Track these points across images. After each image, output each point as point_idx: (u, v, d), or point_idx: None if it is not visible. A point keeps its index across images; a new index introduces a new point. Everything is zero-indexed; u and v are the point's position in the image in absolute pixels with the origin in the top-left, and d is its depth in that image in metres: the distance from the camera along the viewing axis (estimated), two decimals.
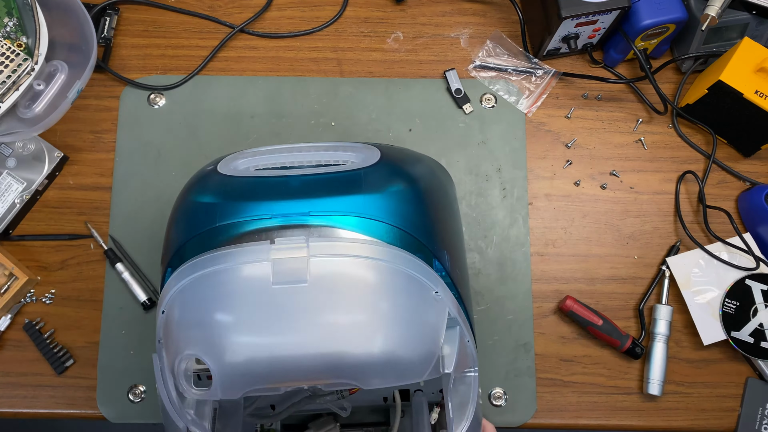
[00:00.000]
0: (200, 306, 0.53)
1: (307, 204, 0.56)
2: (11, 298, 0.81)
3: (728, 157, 0.90)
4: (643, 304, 0.84)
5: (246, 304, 0.52)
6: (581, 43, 0.88)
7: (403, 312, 0.53)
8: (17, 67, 0.76)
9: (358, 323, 0.52)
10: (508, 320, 0.84)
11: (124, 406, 0.81)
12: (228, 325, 0.51)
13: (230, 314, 0.51)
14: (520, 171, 0.88)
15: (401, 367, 0.52)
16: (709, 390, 0.83)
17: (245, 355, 0.51)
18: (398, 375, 0.53)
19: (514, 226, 0.87)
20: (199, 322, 0.53)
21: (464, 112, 0.89)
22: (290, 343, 0.51)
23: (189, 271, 0.54)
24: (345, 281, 0.52)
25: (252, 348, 0.51)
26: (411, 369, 0.53)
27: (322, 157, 0.63)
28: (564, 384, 0.83)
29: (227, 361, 0.51)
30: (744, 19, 0.85)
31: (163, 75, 0.90)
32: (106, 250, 0.84)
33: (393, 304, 0.53)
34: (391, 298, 0.53)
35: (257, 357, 0.51)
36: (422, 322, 0.54)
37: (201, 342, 0.52)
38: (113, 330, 0.83)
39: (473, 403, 0.58)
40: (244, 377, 0.51)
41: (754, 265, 0.83)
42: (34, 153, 0.85)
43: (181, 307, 0.54)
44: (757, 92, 0.80)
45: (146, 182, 0.87)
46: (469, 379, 0.59)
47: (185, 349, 0.52)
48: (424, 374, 0.53)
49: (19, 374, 0.82)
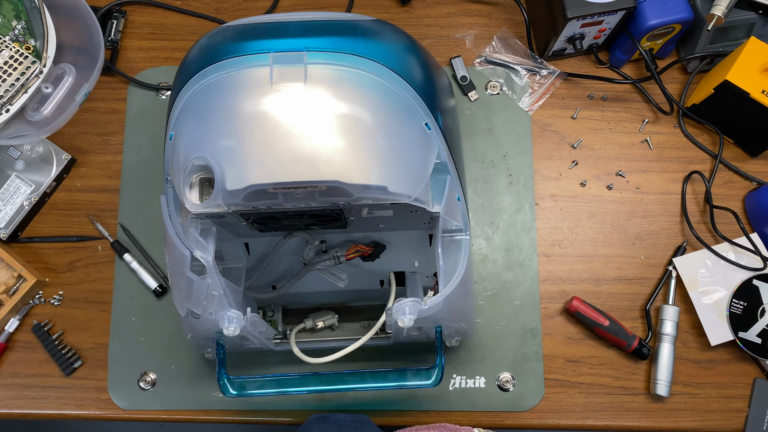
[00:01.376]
0: (205, 113, 0.56)
1: (305, 42, 0.57)
2: (20, 299, 0.81)
3: (735, 157, 0.89)
4: (649, 305, 0.84)
5: (247, 107, 0.55)
6: (587, 43, 0.88)
7: (395, 131, 0.56)
8: (25, 70, 0.76)
9: (351, 130, 0.55)
10: (515, 306, 0.84)
11: (134, 394, 0.82)
12: (230, 127, 0.54)
13: (232, 118, 0.55)
14: (526, 157, 0.88)
15: (392, 174, 0.56)
16: (717, 391, 0.83)
17: (246, 153, 0.54)
18: (389, 182, 0.55)
19: (521, 212, 0.87)
20: (204, 128, 0.56)
21: (469, 100, 0.90)
22: (288, 138, 0.53)
23: (194, 83, 0.57)
24: (341, 90, 0.55)
25: (253, 147, 0.54)
26: (401, 180, 0.56)
27: (325, 16, 0.65)
28: (571, 385, 0.82)
29: (230, 160, 0.54)
30: (750, 19, 0.84)
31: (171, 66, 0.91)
32: (112, 242, 0.85)
33: (386, 122, 0.56)
34: (384, 116, 0.56)
35: (257, 156, 0.53)
36: (413, 145, 0.58)
37: (206, 145, 0.55)
38: (123, 318, 0.84)
39: (463, 265, 0.61)
40: (245, 176, 0.53)
41: (762, 266, 0.82)
42: (42, 155, 0.85)
43: (188, 119, 0.57)
44: (764, 92, 0.79)
45: (154, 172, 0.88)
46: (458, 242, 0.63)
47: (191, 156, 0.55)
48: (414, 193, 0.57)
49: (27, 375, 0.82)
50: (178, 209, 0.62)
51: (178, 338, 0.83)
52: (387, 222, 0.72)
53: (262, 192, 0.55)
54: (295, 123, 0.54)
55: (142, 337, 0.83)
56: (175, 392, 0.82)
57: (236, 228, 0.71)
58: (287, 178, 0.53)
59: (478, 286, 0.84)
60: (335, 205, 0.60)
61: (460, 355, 0.82)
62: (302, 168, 0.53)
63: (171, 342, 0.83)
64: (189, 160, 0.56)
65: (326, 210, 0.62)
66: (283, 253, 0.77)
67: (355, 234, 0.77)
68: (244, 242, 0.78)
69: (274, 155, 0.53)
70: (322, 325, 0.78)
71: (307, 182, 0.54)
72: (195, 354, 0.82)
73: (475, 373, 0.82)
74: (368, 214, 0.66)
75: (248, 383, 0.70)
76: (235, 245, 0.76)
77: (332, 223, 0.69)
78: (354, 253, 0.74)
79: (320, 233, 0.77)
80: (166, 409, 0.81)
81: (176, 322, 0.83)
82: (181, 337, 0.83)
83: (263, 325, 0.68)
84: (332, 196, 0.57)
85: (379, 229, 0.75)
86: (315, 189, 0.55)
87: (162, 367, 0.82)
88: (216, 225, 0.65)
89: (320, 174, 0.53)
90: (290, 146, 0.53)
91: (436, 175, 0.61)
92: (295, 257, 0.78)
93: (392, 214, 0.66)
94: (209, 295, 0.60)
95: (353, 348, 0.68)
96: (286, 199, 0.57)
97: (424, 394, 0.81)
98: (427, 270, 0.77)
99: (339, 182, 0.54)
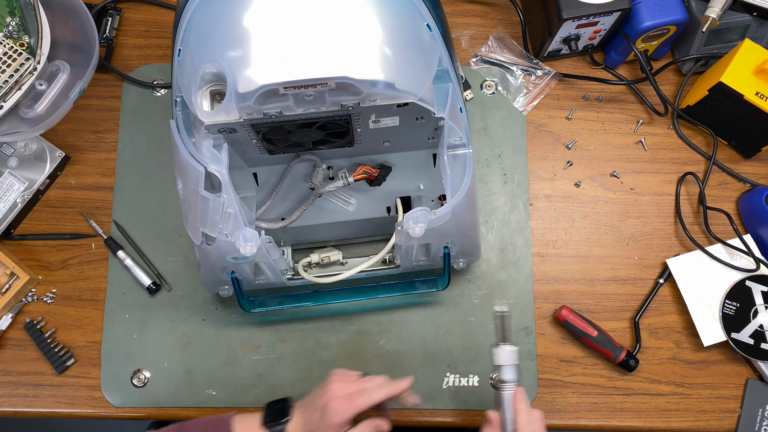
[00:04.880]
0: (212, 20, 0.57)
1: None
2: (12, 297, 0.81)
3: (729, 159, 0.90)
4: (639, 316, 0.84)
5: (254, 10, 0.55)
6: (582, 44, 0.88)
7: (400, 30, 0.58)
8: (19, 66, 0.76)
9: (358, 28, 0.56)
10: (509, 305, 0.84)
11: (127, 392, 0.82)
12: (238, 30, 0.55)
13: (239, 21, 0.55)
14: (521, 157, 0.89)
15: (398, 71, 0.57)
16: (709, 391, 0.83)
17: (256, 55, 0.54)
18: (396, 78, 0.56)
19: (515, 212, 0.87)
20: (212, 35, 0.57)
21: (465, 99, 0.90)
22: (296, 38, 0.54)
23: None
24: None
25: (262, 49, 0.54)
26: (407, 77, 0.58)
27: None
28: (564, 385, 0.83)
29: (240, 63, 0.54)
30: (745, 21, 0.85)
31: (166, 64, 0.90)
32: (106, 239, 0.85)
33: (391, 21, 0.57)
34: (389, 14, 0.57)
35: (267, 57, 0.54)
36: (417, 45, 0.59)
37: (216, 51, 0.56)
38: (117, 315, 0.83)
39: (468, 177, 0.64)
40: (256, 77, 0.54)
41: (755, 267, 0.83)
42: (35, 153, 0.85)
43: (195, 30, 0.58)
44: (758, 94, 0.80)
45: (149, 169, 0.87)
46: (462, 157, 0.66)
47: (202, 64, 0.56)
48: (420, 92, 0.58)
49: (19, 373, 0.82)
50: (189, 130, 0.63)
51: (172, 336, 0.83)
52: (392, 137, 0.74)
53: (273, 93, 0.56)
54: (302, 22, 0.55)
55: (136, 335, 0.83)
56: (168, 390, 0.81)
57: (245, 149, 0.72)
58: (297, 76, 0.54)
59: (471, 284, 0.85)
60: (344, 109, 0.61)
61: (454, 353, 0.82)
62: (311, 66, 0.54)
63: (164, 339, 0.83)
64: (200, 68, 0.56)
65: (335, 117, 0.63)
66: (291, 182, 0.79)
67: (361, 157, 0.79)
68: (252, 172, 0.79)
69: (283, 55, 0.54)
70: (328, 259, 0.81)
71: (317, 79, 0.55)
72: (188, 352, 0.82)
73: (469, 372, 0.82)
74: (375, 123, 0.67)
75: (268, 300, 0.76)
76: (244, 175, 0.78)
77: (339, 139, 0.70)
78: (361, 174, 0.76)
79: (327, 158, 0.78)
80: (159, 406, 0.81)
81: (170, 319, 0.83)
82: (175, 334, 0.83)
83: (277, 252, 0.70)
84: (341, 95, 0.58)
85: (385, 148, 0.77)
86: (325, 87, 0.56)
87: (155, 364, 0.82)
88: (227, 143, 0.66)
89: (329, 70, 0.54)
90: (299, 46, 0.55)
91: (439, 83, 0.62)
92: (303, 187, 0.79)
93: (398, 123, 0.68)
94: (225, 213, 0.62)
95: (366, 265, 0.74)
96: (297, 103, 0.58)
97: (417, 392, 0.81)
98: (432, 193, 0.79)
99: (348, 78, 0.55)
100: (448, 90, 0.62)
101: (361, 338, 0.83)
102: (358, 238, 0.84)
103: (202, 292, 0.84)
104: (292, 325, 0.83)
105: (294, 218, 0.77)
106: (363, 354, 0.82)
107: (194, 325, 0.83)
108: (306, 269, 0.81)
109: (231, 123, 0.61)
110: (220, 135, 0.65)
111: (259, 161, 0.78)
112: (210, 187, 0.63)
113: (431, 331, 0.83)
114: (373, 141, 0.74)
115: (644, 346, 0.84)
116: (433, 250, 0.75)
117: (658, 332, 0.84)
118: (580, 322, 0.81)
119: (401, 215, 0.75)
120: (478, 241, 0.76)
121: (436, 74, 0.62)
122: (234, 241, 0.62)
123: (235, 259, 0.66)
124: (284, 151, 0.74)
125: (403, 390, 0.66)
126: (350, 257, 0.83)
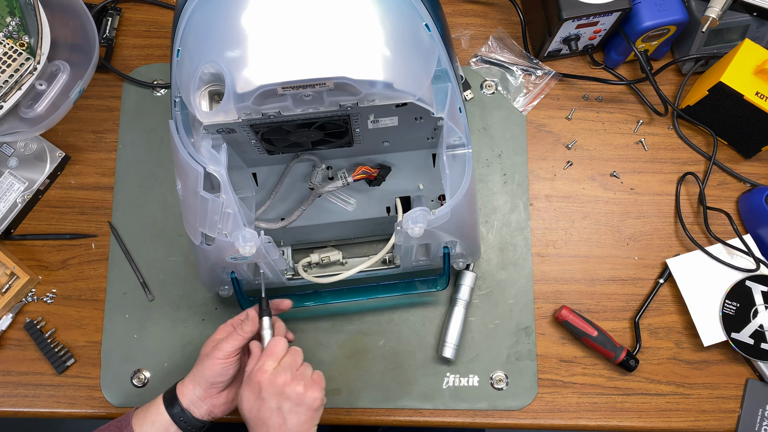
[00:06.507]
0: (211, 20, 0.57)
1: None
2: (12, 297, 0.81)
3: (729, 159, 0.90)
4: (639, 316, 0.84)
5: (253, 10, 0.55)
6: (582, 44, 0.88)
7: (398, 30, 0.57)
8: (19, 66, 0.76)
9: (356, 28, 0.56)
10: (509, 304, 0.84)
11: (127, 392, 0.82)
12: (237, 31, 0.55)
13: (238, 21, 0.55)
14: (521, 157, 0.89)
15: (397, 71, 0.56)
16: (709, 391, 0.83)
17: (255, 55, 0.54)
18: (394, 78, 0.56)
19: (515, 212, 0.87)
20: (211, 35, 0.57)
21: (465, 99, 0.90)
22: (294, 38, 0.54)
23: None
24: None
25: (261, 49, 0.55)
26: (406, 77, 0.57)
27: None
28: (564, 385, 0.83)
29: (239, 63, 0.54)
30: (745, 21, 0.85)
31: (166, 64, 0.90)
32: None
33: (390, 21, 0.57)
34: (387, 14, 0.57)
35: (265, 57, 0.54)
36: (415, 45, 0.59)
37: (214, 51, 0.56)
38: (117, 315, 0.83)
39: (467, 177, 0.64)
40: (255, 77, 0.54)
41: (755, 267, 0.83)
42: (35, 153, 0.85)
43: (194, 30, 0.58)
44: (758, 94, 0.80)
45: (149, 169, 0.87)
46: (461, 157, 0.65)
47: (200, 64, 0.56)
48: (418, 92, 0.58)
49: (19, 373, 0.82)
50: (188, 130, 0.63)
51: (172, 336, 0.83)
52: (392, 137, 0.74)
53: (272, 93, 0.56)
54: (300, 22, 0.55)
55: (136, 335, 0.83)
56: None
57: (245, 149, 0.72)
58: (295, 76, 0.54)
59: None
60: (343, 109, 0.61)
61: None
62: (309, 66, 0.54)
63: (164, 339, 0.83)
64: (198, 69, 0.56)
65: (333, 117, 0.63)
66: (291, 182, 0.79)
67: (361, 157, 0.79)
68: (252, 172, 0.79)
69: (281, 55, 0.54)
70: (327, 259, 0.81)
71: (315, 79, 0.55)
72: (188, 351, 0.82)
73: (469, 372, 0.82)
74: (374, 123, 0.67)
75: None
76: (244, 175, 0.78)
77: (338, 140, 0.70)
78: (361, 174, 0.76)
79: (327, 158, 0.78)
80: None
81: (170, 319, 0.83)
82: (175, 334, 0.83)
83: (276, 252, 0.70)
84: (340, 96, 0.58)
85: (384, 148, 0.77)
86: (323, 87, 0.56)
87: (155, 364, 0.82)
88: (226, 143, 0.66)
89: (327, 71, 0.54)
90: (297, 46, 0.55)
91: (438, 83, 0.62)
92: (303, 187, 0.79)
93: (397, 123, 0.68)
94: (224, 214, 0.61)
95: (366, 265, 0.74)
96: (295, 103, 0.58)
97: (417, 392, 0.81)
98: (432, 193, 0.79)
99: (346, 78, 0.55)
100: (447, 90, 0.62)
101: (361, 338, 0.83)
102: (358, 238, 0.84)
103: (202, 292, 0.84)
104: (292, 324, 0.83)
105: (293, 218, 0.77)
106: (363, 354, 0.82)
107: (194, 325, 0.83)
108: (306, 269, 0.81)
109: (230, 123, 0.61)
110: (218, 135, 0.65)
111: (258, 161, 0.78)
112: (209, 188, 0.63)
113: (431, 331, 0.83)
114: (373, 141, 0.74)
115: (644, 346, 0.84)
116: (432, 250, 0.75)
117: (658, 332, 0.84)
118: (580, 322, 0.81)
119: (401, 215, 0.76)
120: (478, 241, 0.76)
121: (435, 74, 0.62)
122: (233, 242, 0.62)
123: (234, 259, 0.66)
124: (283, 151, 0.74)
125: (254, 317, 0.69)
126: (350, 257, 0.83)
